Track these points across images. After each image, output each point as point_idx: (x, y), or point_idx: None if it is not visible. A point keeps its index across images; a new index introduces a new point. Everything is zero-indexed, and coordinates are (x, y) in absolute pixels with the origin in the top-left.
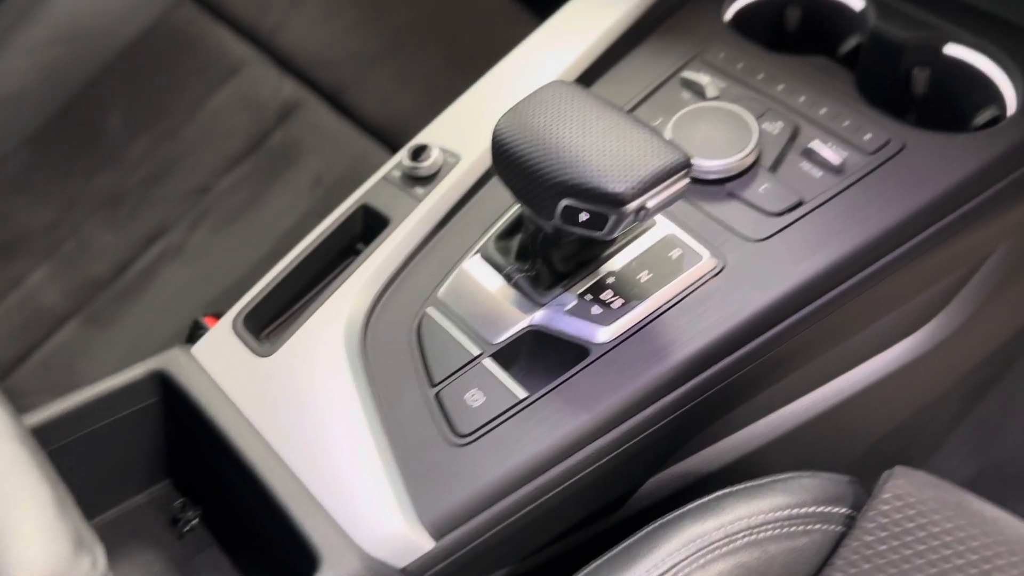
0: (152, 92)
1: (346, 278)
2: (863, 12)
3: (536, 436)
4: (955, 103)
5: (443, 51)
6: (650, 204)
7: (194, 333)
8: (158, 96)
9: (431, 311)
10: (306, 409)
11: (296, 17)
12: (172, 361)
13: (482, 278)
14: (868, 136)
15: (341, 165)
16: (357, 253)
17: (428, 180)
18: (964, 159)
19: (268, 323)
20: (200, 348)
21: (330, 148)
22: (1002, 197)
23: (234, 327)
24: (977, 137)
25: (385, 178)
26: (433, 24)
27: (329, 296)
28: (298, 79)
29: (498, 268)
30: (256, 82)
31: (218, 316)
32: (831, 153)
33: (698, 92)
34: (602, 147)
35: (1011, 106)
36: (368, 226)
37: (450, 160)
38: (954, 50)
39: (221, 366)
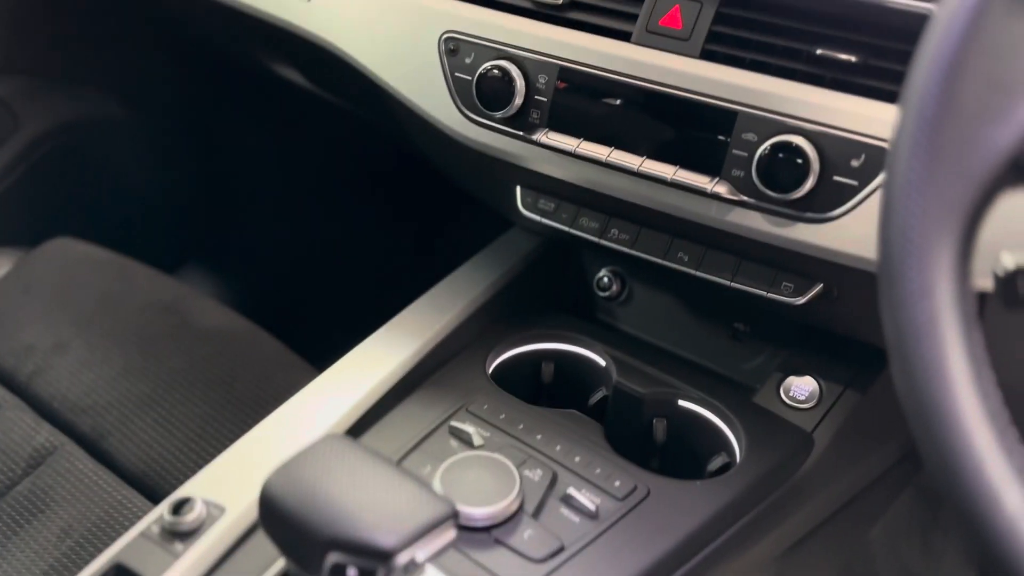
0: None
1: None
2: (606, 368)
3: None
4: (692, 450)
5: (215, 397)
6: (419, 555)
7: None
8: None
9: None
10: None
11: (59, 363)
12: None
13: None
14: (618, 483)
15: (94, 517)
16: None
17: (189, 535)
18: (701, 505)
19: None
20: None
21: (83, 498)
22: (738, 539)
23: None
24: (711, 484)
25: (143, 533)
26: (206, 370)
27: None
28: (55, 425)
29: None
30: (8, 428)
31: None
32: (586, 500)
33: (465, 441)
34: (371, 501)
35: (738, 454)
36: None
37: (214, 513)
38: (687, 404)
39: None
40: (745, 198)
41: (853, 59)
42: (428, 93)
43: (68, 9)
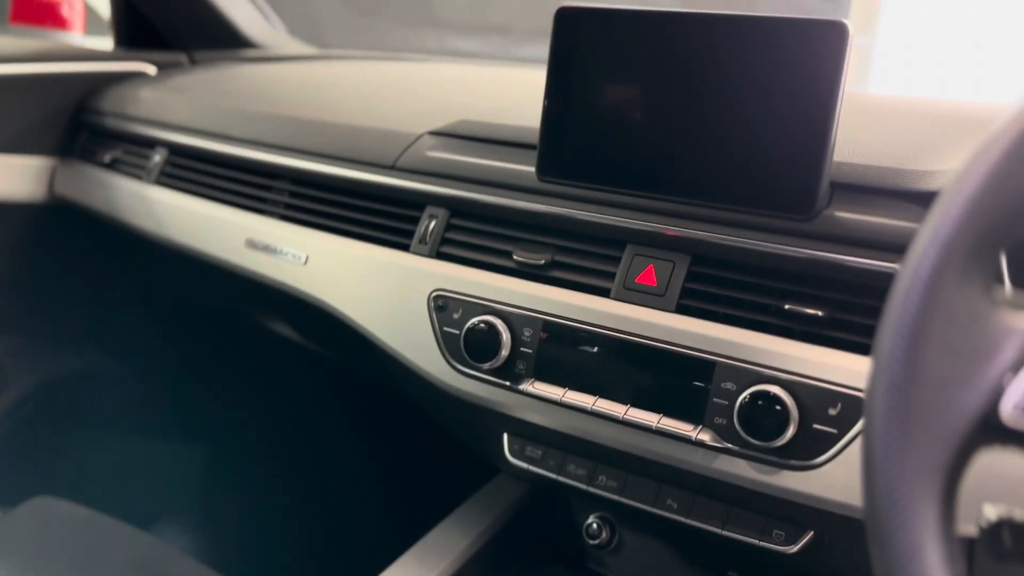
0: None
1: None
2: None
3: None
4: None
5: None
6: None
7: None
8: None
9: None
10: None
11: None
12: None
13: None
14: None
15: None
16: None
17: None
18: None
19: None
20: None
21: None
22: None
23: None
24: None
25: None
26: None
27: None
28: None
29: None
30: None
31: None
32: None
33: None
34: None
35: None
36: None
37: None
38: None
39: None
40: (729, 445)
41: (820, 313)
42: (417, 347)
43: (54, 268)
